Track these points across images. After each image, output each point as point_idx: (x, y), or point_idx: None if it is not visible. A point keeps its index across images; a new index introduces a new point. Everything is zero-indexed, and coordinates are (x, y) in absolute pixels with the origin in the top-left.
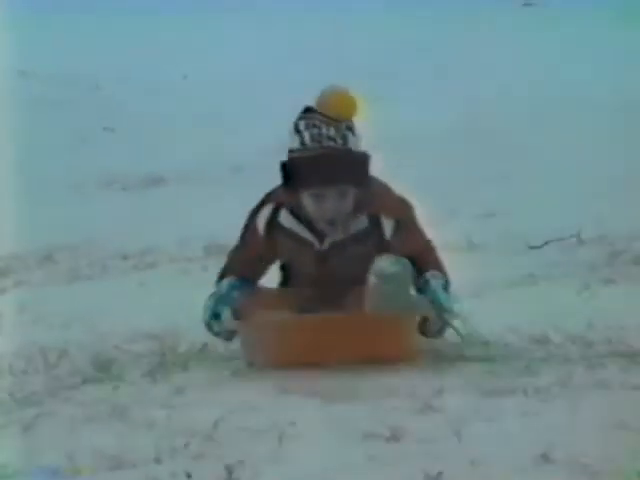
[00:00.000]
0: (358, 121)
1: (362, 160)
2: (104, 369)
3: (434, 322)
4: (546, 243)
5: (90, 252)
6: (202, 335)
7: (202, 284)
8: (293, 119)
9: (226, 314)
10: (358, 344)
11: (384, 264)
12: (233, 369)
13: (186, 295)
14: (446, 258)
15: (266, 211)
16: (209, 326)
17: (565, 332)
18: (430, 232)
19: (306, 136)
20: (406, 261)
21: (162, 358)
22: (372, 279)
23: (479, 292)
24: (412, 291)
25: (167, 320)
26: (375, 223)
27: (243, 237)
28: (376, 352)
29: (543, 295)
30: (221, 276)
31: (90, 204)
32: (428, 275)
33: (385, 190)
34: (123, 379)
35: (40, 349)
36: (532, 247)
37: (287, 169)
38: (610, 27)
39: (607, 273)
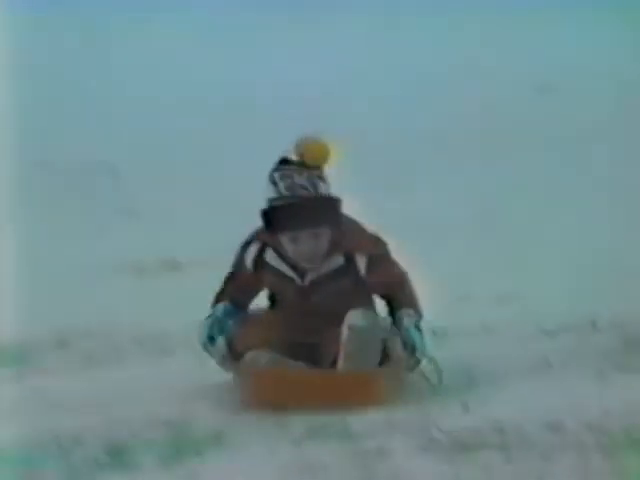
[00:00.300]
0: (331, 166)
1: (332, 204)
2: (119, 456)
3: (406, 361)
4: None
5: (105, 337)
6: (218, 421)
7: (218, 369)
8: None
9: (220, 346)
10: (329, 398)
11: (354, 319)
12: (249, 454)
13: (202, 380)
14: (460, 343)
15: (253, 248)
16: (204, 347)
17: (581, 419)
18: (445, 316)
19: (281, 186)
20: (374, 314)
21: (177, 444)
22: (344, 332)
23: (494, 377)
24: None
25: (183, 406)
26: (350, 261)
27: (234, 269)
28: (346, 404)
29: (558, 381)
30: (216, 300)
31: (105, 288)
32: (402, 313)
33: (358, 229)
34: (138, 467)
35: (54, 436)
36: (546, 332)
37: (266, 216)
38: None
39: (623, 360)
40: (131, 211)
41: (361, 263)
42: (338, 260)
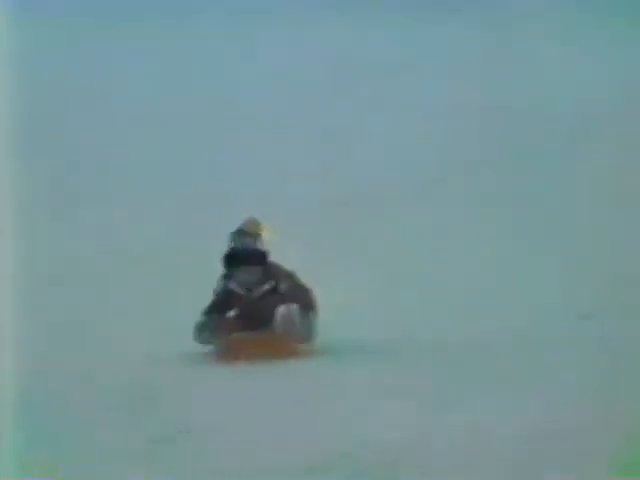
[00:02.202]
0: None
1: (262, 253)
2: None
3: (304, 334)
4: None
5: None
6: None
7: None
8: None
9: (206, 333)
10: (269, 349)
11: (281, 309)
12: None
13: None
14: None
15: (221, 282)
16: (195, 338)
17: None
18: None
19: (236, 243)
20: (294, 306)
21: None
22: (276, 316)
23: None
24: (298, 322)
25: None
26: (275, 285)
27: (215, 295)
28: (277, 353)
29: None
30: (206, 312)
31: None
32: (305, 310)
33: (278, 267)
34: None
35: None
36: None
37: (227, 259)
38: None
39: None
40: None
41: (283, 285)
42: (269, 284)
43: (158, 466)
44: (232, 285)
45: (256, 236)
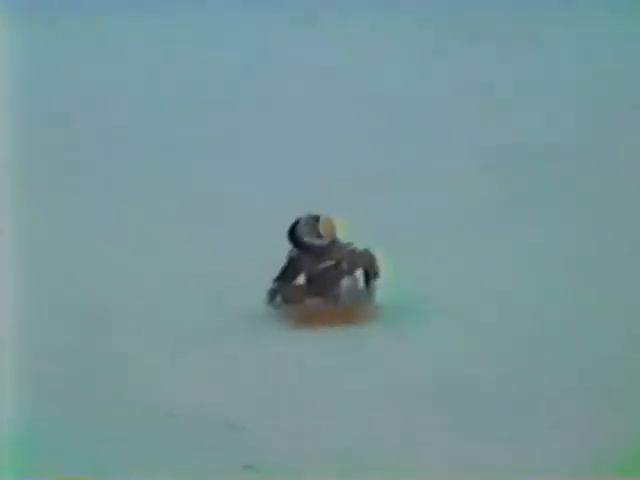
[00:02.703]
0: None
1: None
2: None
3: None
4: None
5: None
6: None
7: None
8: None
9: (278, 299)
10: (336, 317)
11: (344, 283)
12: None
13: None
14: None
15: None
16: (267, 303)
17: None
18: None
19: (303, 233)
20: (356, 281)
21: None
22: (341, 289)
23: None
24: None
25: None
26: (337, 262)
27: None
28: (343, 321)
29: None
30: (276, 279)
31: None
32: (371, 281)
33: (340, 244)
34: None
35: None
36: None
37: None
38: None
39: None
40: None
41: (344, 263)
42: (333, 261)
43: None
44: (302, 260)
45: (328, 239)
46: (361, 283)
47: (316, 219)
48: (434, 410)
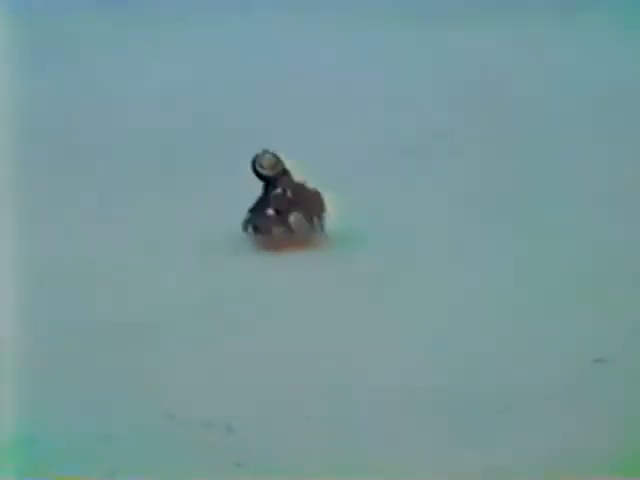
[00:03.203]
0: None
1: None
2: None
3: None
4: None
5: None
6: None
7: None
8: None
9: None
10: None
11: (292, 219)
12: None
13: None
14: None
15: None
16: (243, 230)
17: None
18: None
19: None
20: (300, 216)
21: None
22: (290, 224)
23: None
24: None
25: None
26: (284, 191)
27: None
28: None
29: None
30: (250, 210)
31: None
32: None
33: (288, 179)
34: None
35: None
36: None
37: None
38: None
39: None
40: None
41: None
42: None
43: None
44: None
45: (270, 171)
46: (305, 222)
47: (263, 154)
48: None
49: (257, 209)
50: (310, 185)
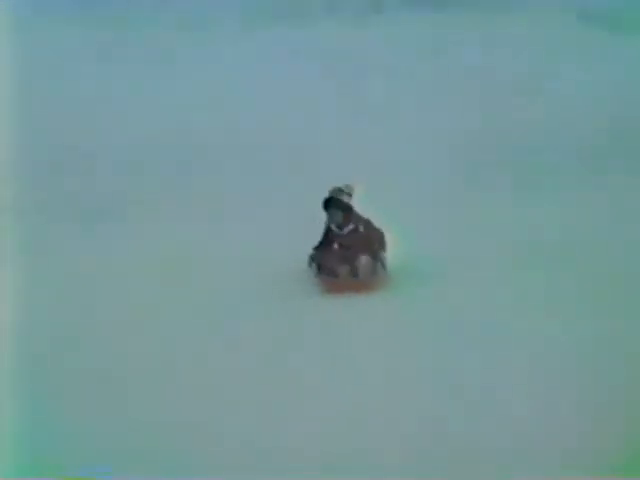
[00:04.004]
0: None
1: (347, 203)
2: None
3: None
4: None
5: None
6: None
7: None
8: None
9: (313, 265)
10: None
11: (362, 260)
12: None
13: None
14: None
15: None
16: (308, 265)
17: None
18: None
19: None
20: (369, 259)
21: None
22: (359, 265)
23: None
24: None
25: None
26: (356, 227)
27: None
28: (361, 291)
29: None
30: (315, 248)
31: None
32: (381, 253)
33: (358, 215)
34: None
35: None
36: None
37: (324, 202)
38: None
39: None
40: None
41: (361, 227)
42: (353, 225)
43: None
44: (331, 225)
45: (347, 194)
46: (372, 264)
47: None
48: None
49: (322, 246)
50: (375, 223)
